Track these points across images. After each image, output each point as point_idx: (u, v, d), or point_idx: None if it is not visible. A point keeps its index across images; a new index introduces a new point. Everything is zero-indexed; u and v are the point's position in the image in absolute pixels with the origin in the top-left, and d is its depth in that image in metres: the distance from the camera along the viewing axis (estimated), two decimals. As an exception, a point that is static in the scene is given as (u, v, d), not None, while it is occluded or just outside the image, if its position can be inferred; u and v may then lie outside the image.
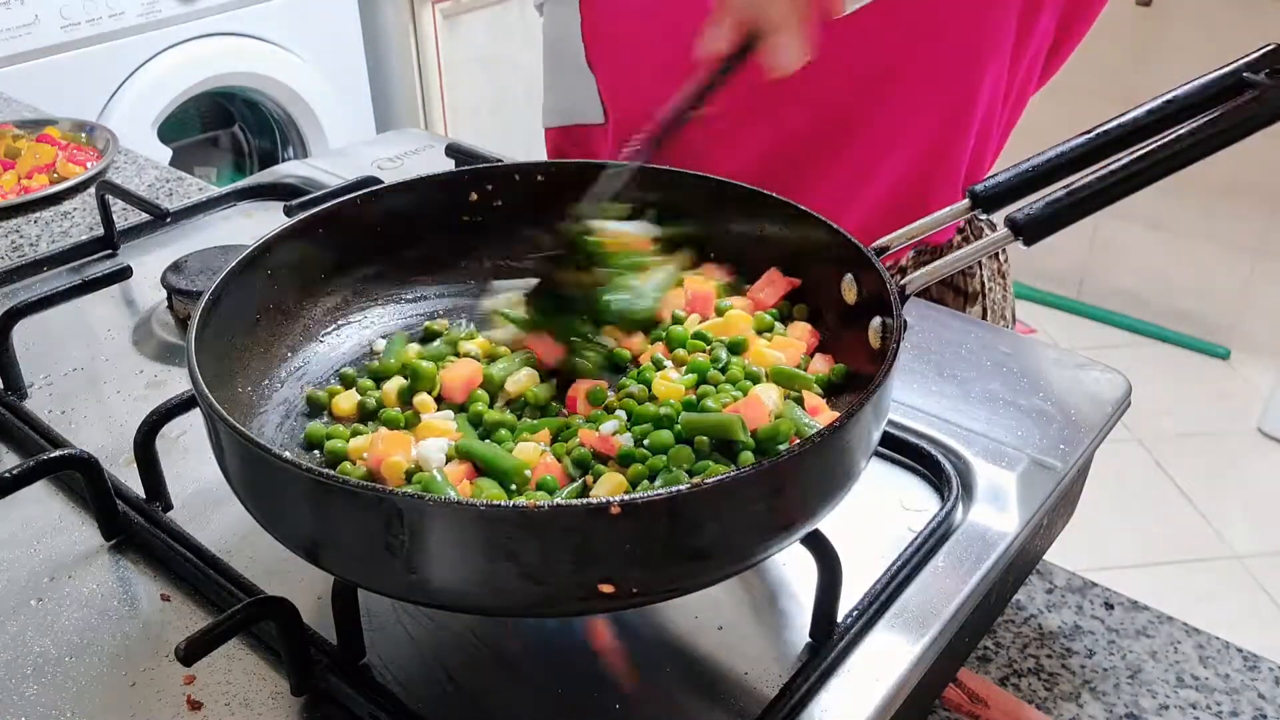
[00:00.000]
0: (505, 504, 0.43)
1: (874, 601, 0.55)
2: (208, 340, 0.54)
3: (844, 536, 0.53)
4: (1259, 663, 0.63)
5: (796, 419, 0.55)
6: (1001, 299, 1.03)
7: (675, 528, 0.43)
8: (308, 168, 1.06)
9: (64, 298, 0.77)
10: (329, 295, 0.67)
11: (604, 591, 0.44)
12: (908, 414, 0.68)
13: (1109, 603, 0.66)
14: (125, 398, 0.74)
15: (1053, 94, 1.10)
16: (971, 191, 0.58)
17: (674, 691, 0.52)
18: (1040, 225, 0.55)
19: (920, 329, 0.76)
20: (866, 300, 0.59)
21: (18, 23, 1.95)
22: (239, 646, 0.55)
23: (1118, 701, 0.60)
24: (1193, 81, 0.59)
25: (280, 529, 0.49)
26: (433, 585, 0.45)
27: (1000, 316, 1.03)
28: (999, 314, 1.03)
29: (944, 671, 0.59)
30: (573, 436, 0.56)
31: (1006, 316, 1.05)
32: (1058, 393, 0.70)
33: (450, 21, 2.58)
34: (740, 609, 0.56)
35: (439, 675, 0.53)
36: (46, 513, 0.64)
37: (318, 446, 0.58)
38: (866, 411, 0.47)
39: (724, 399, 0.56)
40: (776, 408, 0.55)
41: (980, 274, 1.00)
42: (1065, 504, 0.67)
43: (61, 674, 0.54)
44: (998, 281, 1.02)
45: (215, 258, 0.85)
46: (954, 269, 0.57)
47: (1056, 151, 0.58)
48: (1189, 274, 2.97)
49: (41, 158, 1.10)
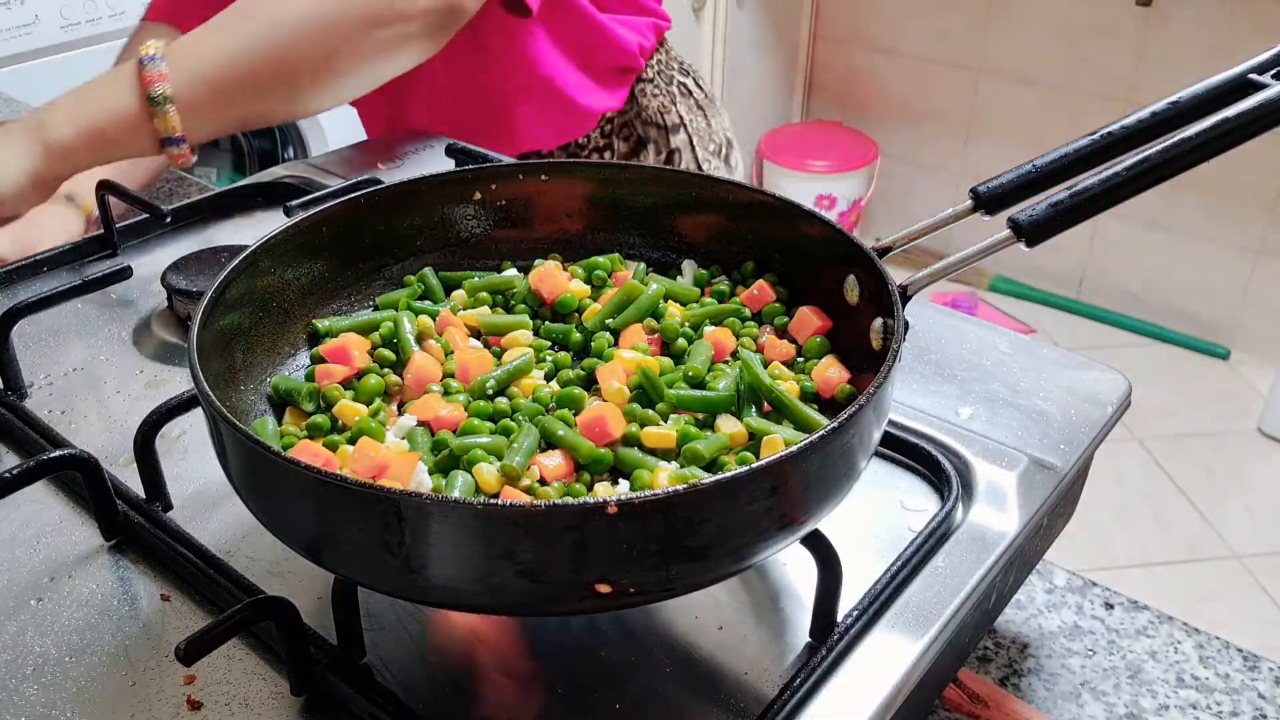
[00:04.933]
0: (504, 503, 0.43)
1: (874, 601, 0.55)
2: (208, 340, 0.54)
3: (844, 536, 0.53)
4: (1259, 663, 0.63)
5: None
6: (705, 127, 1.26)
7: (673, 527, 0.43)
8: (308, 168, 1.06)
9: (64, 298, 0.77)
10: (329, 295, 0.67)
11: (601, 591, 0.44)
12: (908, 414, 0.68)
13: (1109, 603, 0.67)
14: (125, 398, 0.74)
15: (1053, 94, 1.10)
16: (974, 192, 0.58)
17: (674, 691, 0.52)
18: (1042, 227, 0.55)
19: (920, 329, 0.76)
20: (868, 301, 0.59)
21: (18, 23, 1.95)
22: (239, 646, 0.55)
23: (1118, 701, 0.60)
24: (1198, 84, 0.59)
25: (281, 527, 0.49)
26: (432, 583, 0.45)
27: (709, 141, 1.26)
28: (706, 139, 1.25)
29: (944, 671, 0.60)
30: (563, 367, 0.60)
31: (716, 141, 1.28)
32: (1058, 393, 0.70)
33: (450, 21, 2.57)
34: (740, 609, 0.56)
35: (439, 675, 0.53)
36: (46, 513, 0.64)
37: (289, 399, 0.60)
38: (867, 411, 0.47)
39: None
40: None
41: (675, 109, 1.23)
42: (1065, 504, 0.67)
43: (61, 674, 0.54)
44: (698, 114, 1.25)
45: (215, 258, 0.85)
46: (954, 269, 0.56)
47: (1060, 153, 0.58)
48: (1189, 274, 2.98)
49: (41, 157, 1.10)
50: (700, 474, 0.52)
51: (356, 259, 0.68)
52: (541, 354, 0.63)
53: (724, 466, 0.53)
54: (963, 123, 3.25)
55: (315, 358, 0.62)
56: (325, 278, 0.66)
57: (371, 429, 0.55)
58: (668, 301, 0.66)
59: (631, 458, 0.53)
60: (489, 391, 0.59)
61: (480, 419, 0.56)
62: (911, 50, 3.27)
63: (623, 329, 0.64)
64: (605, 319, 0.65)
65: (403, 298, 0.67)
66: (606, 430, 0.54)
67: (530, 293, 0.67)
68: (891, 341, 0.52)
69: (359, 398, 0.59)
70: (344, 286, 0.67)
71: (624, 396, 0.57)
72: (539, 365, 0.62)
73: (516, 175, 0.71)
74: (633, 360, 0.59)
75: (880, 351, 0.56)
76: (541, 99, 1.18)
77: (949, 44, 3.17)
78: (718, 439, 0.54)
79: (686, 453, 0.53)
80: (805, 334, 0.62)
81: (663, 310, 0.65)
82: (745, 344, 0.63)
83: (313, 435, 0.57)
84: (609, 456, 0.54)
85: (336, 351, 0.61)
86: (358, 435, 0.55)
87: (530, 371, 0.60)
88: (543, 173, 0.71)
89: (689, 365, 0.59)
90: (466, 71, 1.15)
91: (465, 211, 0.71)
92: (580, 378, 0.60)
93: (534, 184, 0.71)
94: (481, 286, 0.68)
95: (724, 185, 0.68)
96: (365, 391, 0.59)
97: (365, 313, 0.67)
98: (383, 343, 0.63)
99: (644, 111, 1.23)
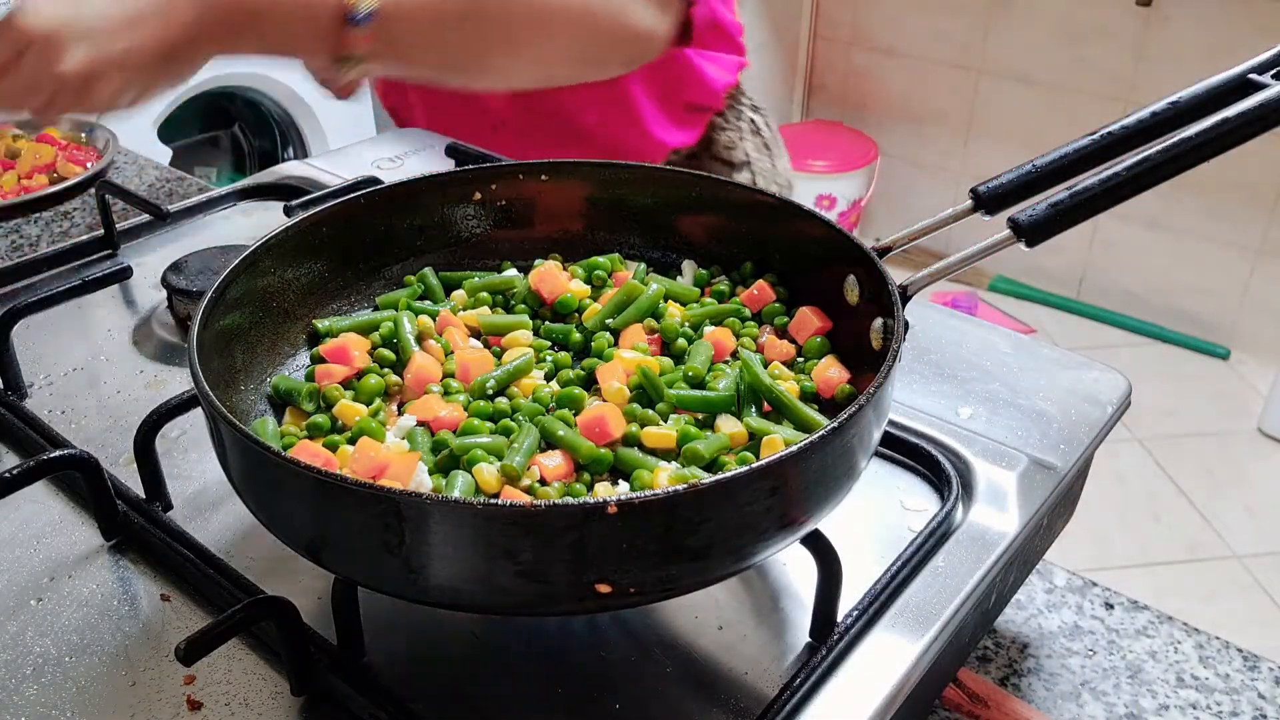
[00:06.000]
0: (504, 503, 0.43)
1: (874, 601, 0.55)
2: (208, 340, 0.54)
3: (844, 536, 0.53)
4: (1259, 663, 0.63)
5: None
6: (770, 168, 1.22)
7: (673, 527, 0.43)
8: (308, 168, 1.06)
9: (64, 298, 0.77)
10: (329, 295, 0.67)
11: (601, 591, 0.44)
12: (908, 414, 0.68)
13: (1109, 603, 0.67)
14: (125, 398, 0.74)
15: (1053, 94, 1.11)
16: (974, 192, 0.58)
17: (674, 691, 0.52)
18: (1042, 227, 0.55)
19: (920, 329, 0.76)
20: (868, 301, 0.59)
21: (18, 22, 1.95)
22: (239, 646, 0.55)
23: (1118, 701, 0.60)
24: (1198, 84, 0.59)
25: (281, 527, 0.49)
26: (431, 583, 0.45)
27: (773, 183, 1.22)
28: (770, 180, 1.22)
29: (944, 671, 0.60)
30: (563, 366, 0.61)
31: (779, 183, 1.24)
32: (1058, 393, 0.70)
33: (450, 21, 2.57)
34: (740, 609, 0.56)
35: (439, 675, 0.53)
36: (46, 513, 0.64)
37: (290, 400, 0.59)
38: (867, 411, 0.47)
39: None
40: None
41: (743, 146, 1.19)
42: (1065, 504, 0.67)
43: (61, 674, 0.54)
44: (764, 153, 1.22)
45: (215, 258, 0.85)
46: (955, 269, 0.56)
47: (1060, 153, 0.58)
48: (1189, 274, 2.97)
49: (41, 158, 1.10)
50: (700, 474, 0.52)
51: (356, 259, 0.68)
52: (541, 354, 0.63)
53: (724, 466, 0.53)
54: (963, 123, 3.24)
55: (315, 358, 0.62)
56: (325, 278, 0.66)
57: (371, 429, 0.55)
58: (668, 301, 0.66)
59: (631, 458, 0.53)
60: (489, 391, 0.59)
61: (480, 419, 0.56)
62: (911, 50, 3.27)
63: (623, 329, 0.64)
64: (605, 319, 0.65)
65: (403, 298, 0.67)
66: (606, 430, 0.54)
67: (530, 293, 0.67)
68: (891, 341, 0.52)
69: (359, 398, 0.59)
70: (344, 286, 0.67)
71: (624, 396, 0.57)
72: (539, 365, 0.62)
73: (516, 175, 0.71)
74: (633, 360, 0.59)
75: (880, 351, 0.56)
76: (619, 130, 1.14)
77: (949, 44, 3.17)
78: (718, 439, 0.54)
79: (686, 453, 0.53)
80: (805, 334, 0.62)
81: (663, 310, 0.65)
82: (745, 344, 0.63)
83: (313, 435, 0.57)
84: (609, 456, 0.54)
85: (336, 351, 0.61)
86: (358, 435, 0.55)
87: (530, 371, 0.60)
88: (543, 173, 0.71)
89: (689, 365, 0.59)
90: (550, 96, 1.08)
91: (465, 211, 0.71)
92: (580, 378, 0.60)
93: (534, 184, 0.71)
94: (481, 286, 0.68)
95: (724, 185, 0.68)
96: (365, 391, 0.59)
97: (365, 313, 0.67)
98: (383, 343, 0.63)
99: (712, 146, 1.19)
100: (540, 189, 0.71)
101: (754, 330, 0.64)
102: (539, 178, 0.71)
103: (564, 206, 0.71)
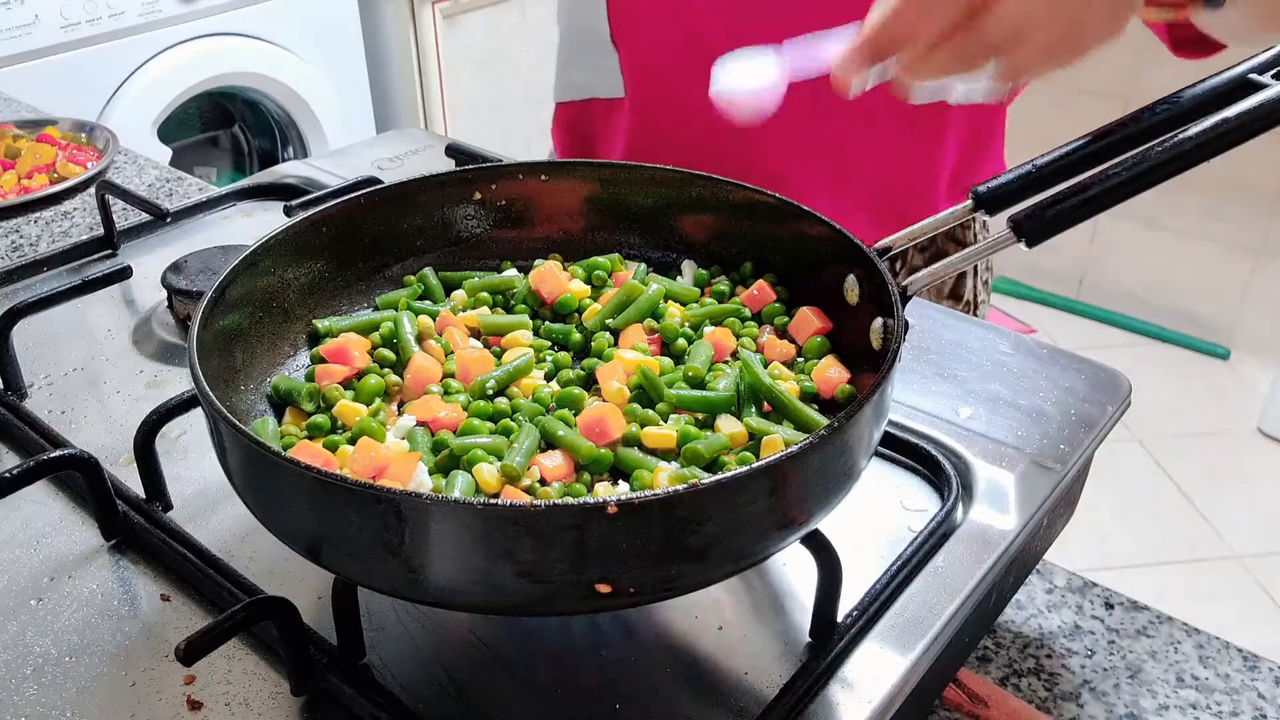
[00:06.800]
0: (504, 503, 0.43)
1: (874, 601, 0.55)
2: (208, 340, 0.54)
3: (844, 536, 0.53)
4: (1259, 663, 0.63)
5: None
6: (985, 301, 1.14)
7: (673, 527, 0.43)
8: (308, 168, 1.06)
9: (64, 298, 0.77)
10: (329, 295, 0.67)
11: (601, 591, 0.44)
12: (908, 414, 0.68)
13: (1109, 603, 0.67)
14: (125, 398, 0.74)
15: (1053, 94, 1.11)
16: (974, 192, 0.58)
17: (674, 691, 0.52)
18: (1042, 227, 0.55)
19: (920, 329, 0.76)
20: (868, 301, 0.59)
21: (18, 23, 1.95)
22: (239, 646, 0.55)
23: (1118, 701, 0.60)
24: (1198, 84, 0.58)
25: (281, 528, 0.49)
26: (431, 583, 0.45)
27: (987, 270, 1.12)
28: (983, 269, 1.11)
29: (944, 671, 0.59)
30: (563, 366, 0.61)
31: (990, 275, 1.14)
32: (1058, 393, 0.70)
33: (450, 21, 2.58)
34: (740, 609, 0.56)
35: (439, 675, 0.53)
36: (46, 513, 0.64)
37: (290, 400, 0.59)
38: (866, 411, 0.47)
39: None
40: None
41: (973, 281, 1.07)
42: (1065, 504, 0.67)
43: (61, 674, 0.54)
44: (985, 292, 1.12)
45: (215, 258, 0.85)
46: (956, 270, 0.57)
47: (1060, 153, 0.58)
48: (1189, 274, 2.97)
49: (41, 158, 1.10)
50: (700, 474, 0.52)
51: (356, 259, 0.68)
52: (541, 354, 0.63)
53: (724, 466, 0.53)
54: (963, 123, 3.24)
55: (315, 358, 0.62)
56: (325, 278, 0.66)
57: (371, 429, 0.55)
58: (668, 301, 0.66)
59: (631, 458, 0.53)
60: (489, 392, 0.59)
61: (480, 419, 0.56)
62: (911, 50, 3.26)
63: (623, 329, 0.64)
64: (605, 319, 0.65)
65: (403, 298, 0.67)
66: (606, 430, 0.54)
67: (530, 293, 0.67)
68: (891, 341, 0.52)
69: (359, 398, 0.59)
70: (344, 286, 0.67)
71: (624, 397, 0.57)
72: (539, 365, 0.62)
73: (516, 175, 0.71)
74: (633, 360, 0.59)
75: (880, 351, 0.56)
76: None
77: (949, 44, 3.17)
78: (718, 439, 0.54)
79: (686, 453, 0.53)
80: (805, 334, 0.62)
81: (663, 310, 0.65)
82: (745, 344, 0.63)
83: (313, 435, 0.57)
84: (609, 457, 0.54)
85: (336, 352, 0.61)
86: (358, 435, 0.55)
87: (530, 371, 0.60)
88: (543, 172, 0.71)
89: (689, 365, 0.59)
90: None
91: (465, 211, 0.71)
92: (580, 378, 0.60)
93: (534, 184, 0.71)
94: (481, 286, 0.68)
95: (724, 185, 0.68)
96: (365, 392, 0.59)
97: (365, 313, 0.67)
98: (383, 343, 0.63)
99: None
100: (540, 189, 0.71)
101: (754, 330, 0.64)
102: (539, 177, 0.71)
103: (564, 206, 0.71)
